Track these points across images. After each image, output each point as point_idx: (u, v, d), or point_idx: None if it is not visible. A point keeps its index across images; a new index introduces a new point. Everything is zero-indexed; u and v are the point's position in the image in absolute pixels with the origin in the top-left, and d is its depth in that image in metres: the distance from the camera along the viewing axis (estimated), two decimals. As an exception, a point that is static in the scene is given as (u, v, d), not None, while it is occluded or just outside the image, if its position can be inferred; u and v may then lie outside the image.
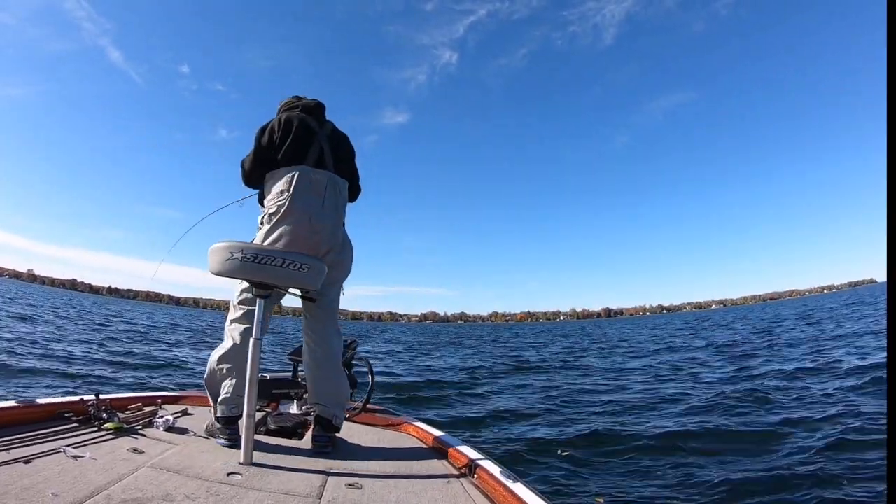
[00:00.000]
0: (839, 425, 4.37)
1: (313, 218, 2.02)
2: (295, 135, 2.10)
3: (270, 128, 2.13)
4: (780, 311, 46.38)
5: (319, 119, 2.26)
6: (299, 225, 2.00)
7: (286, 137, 2.09)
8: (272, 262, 1.76)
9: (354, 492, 1.56)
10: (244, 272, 1.78)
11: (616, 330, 42.43)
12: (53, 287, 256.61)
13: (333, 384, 2.12)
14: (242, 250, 1.75)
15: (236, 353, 1.95)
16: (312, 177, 2.06)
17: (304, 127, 2.14)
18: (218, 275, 1.84)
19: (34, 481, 1.32)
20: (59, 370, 7.26)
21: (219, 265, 1.78)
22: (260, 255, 1.75)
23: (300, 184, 2.03)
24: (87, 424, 1.93)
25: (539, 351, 18.82)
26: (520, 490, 1.54)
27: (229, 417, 1.92)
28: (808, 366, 8.20)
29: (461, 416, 6.03)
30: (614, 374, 9.95)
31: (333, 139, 2.23)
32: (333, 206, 2.12)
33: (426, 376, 10.02)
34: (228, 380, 1.94)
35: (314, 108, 2.27)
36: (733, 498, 3.10)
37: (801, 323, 21.22)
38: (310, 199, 2.03)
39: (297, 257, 1.81)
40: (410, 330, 72.67)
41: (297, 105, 2.26)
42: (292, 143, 2.08)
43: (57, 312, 23.42)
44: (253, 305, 1.91)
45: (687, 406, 5.96)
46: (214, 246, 1.80)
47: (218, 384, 1.96)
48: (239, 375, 1.91)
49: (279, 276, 1.78)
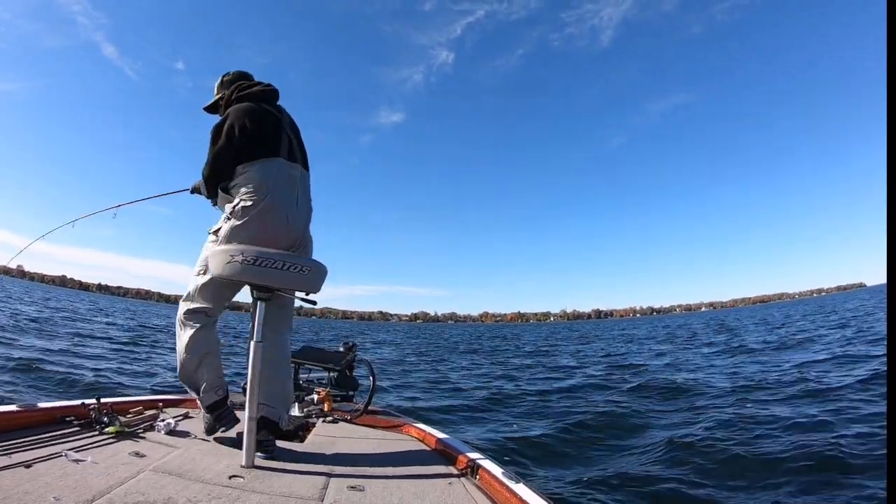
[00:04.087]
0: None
1: (290, 216, 1.97)
2: (266, 129, 2.01)
3: (240, 126, 1.97)
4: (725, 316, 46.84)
5: (277, 107, 2.17)
6: (276, 222, 1.94)
7: (260, 130, 1.99)
8: (273, 265, 1.75)
9: (356, 494, 1.57)
10: (245, 275, 1.76)
11: (619, 331, 41.34)
12: (43, 283, 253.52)
13: (281, 384, 2.06)
14: (243, 253, 1.74)
15: (201, 337, 1.94)
16: (290, 172, 2.02)
17: (273, 119, 2.07)
18: (220, 277, 1.83)
19: (36, 486, 1.31)
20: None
21: (220, 268, 1.77)
22: (261, 258, 1.74)
23: (280, 178, 1.97)
24: (89, 428, 1.92)
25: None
26: (522, 491, 1.54)
27: (217, 401, 1.92)
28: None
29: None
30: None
31: (293, 129, 2.17)
32: (305, 204, 2.08)
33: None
34: (203, 365, 1.93)
35: (273, 96, 2.17)
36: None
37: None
38: (287, 195, 1.99)
39: (299, 260, 1.80)
40: (402, 330, 72.28)
41: (255, 90, 2.12)
42: (265, 136, 2.00)
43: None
44: (217, 303, 1.99)
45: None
46: (215, 249, 1.81)
47: (194, 374, 1.94)
48: (215, 356, 1.96)
49: (280, 278, 1.77)
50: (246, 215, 1.91)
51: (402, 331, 58.44)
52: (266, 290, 1.83)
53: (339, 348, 3.18)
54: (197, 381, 1.93)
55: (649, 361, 11.63)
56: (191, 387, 1.95)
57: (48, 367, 6.95)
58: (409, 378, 9.88)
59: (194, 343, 1.93)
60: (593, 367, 11.23)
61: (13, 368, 6.59)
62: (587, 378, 9.04)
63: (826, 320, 21.18)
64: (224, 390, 1.96)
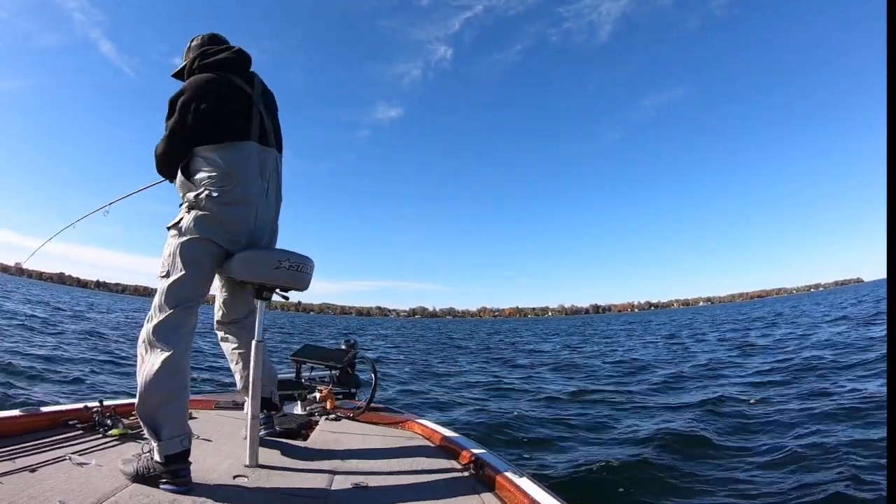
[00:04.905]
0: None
1: (258, 208, 1.78)
2: (233, 106, 1.74)
3: (197, 102, 1.68)
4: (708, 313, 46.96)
5: (248, 77, 1.87)
6: (246, 214, 1.74)
7: (225, 107, 1.71)
8: (299, 268, 1.76)
9: (361, 491, 1.58)
10: (287, 280, 1.77)
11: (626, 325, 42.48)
12: (41, 281, 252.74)
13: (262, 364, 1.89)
14: (290, 259, 1.74)
15: (172, 366, 1.54)
16: (261, 157, 1.79)
17: (242, 94, 1.79)
18: (257, 282, 1.81)
19: (40, 490, 1.32)
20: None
21: (260, 274, 1.75)
22: (299, 263, 1.75)
23: (250, 166, 1.74)
24: (92, 431, 1.92)
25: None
26: (527, 486, 1.54)
27: (178, 453, 1.49)
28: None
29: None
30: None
31: (267, 102, 1.90)
32: (275, 194, 1.87)
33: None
34: (169, 404, 1.53)
35: (243, 64, 1.86)
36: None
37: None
38: (257, 184, 1.77)
39: (295, 257, 1.78)
40: (399, 326, 72.51)
41: (219, 58, 1.80)
42: (231, 114, 1.73)
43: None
44: (196, 298, 1.68)
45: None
46: (250, 254, 1.77)
47: (156, 412, 1.52)
48: (181, 395, 1.56)
49: (280, 277, 1.75)
50: (211, 206, 1.67)
51: (398, 327, 58.69)
52: (273, 290, 1.82)
53: (340, 346, 3.18)
54: (157, 423, 1.51)
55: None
56: (149, 426, 1.51)
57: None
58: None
59: (163, 373, 1.53)
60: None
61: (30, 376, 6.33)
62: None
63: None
64: (188, 441, 1.53)
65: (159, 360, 1.53)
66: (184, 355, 1.60)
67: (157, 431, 1.49)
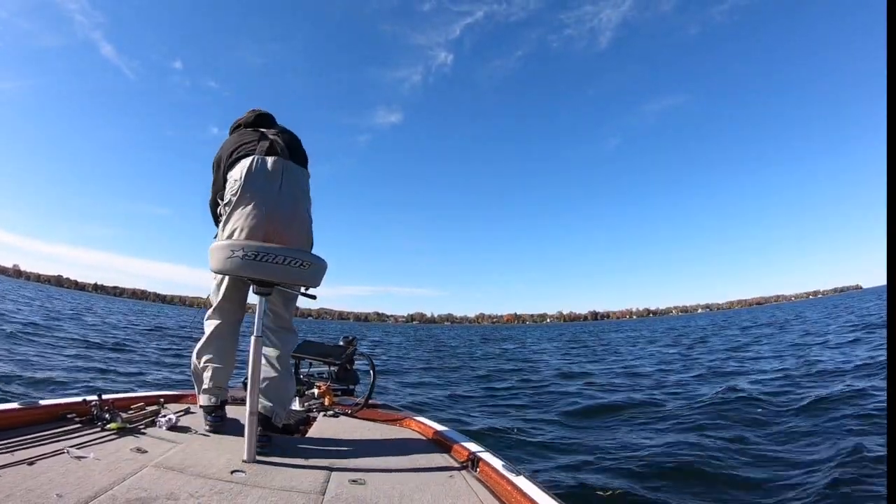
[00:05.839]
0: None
1: (269, 204, 1.92)
2: (246, 138, 2.08)
3: (223, 147, 2.13)
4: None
5: (266, 125, 2.22)
6: (254, 212, 1.91)
7: (240, 140, 2.07)
8: (273, 260, 1.75)
9: (358, 487, 1.58)
10: (246, 270, 1.76)
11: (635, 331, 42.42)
12: (39, 283, 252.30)
13: (276, 382, 2.04)
14: (244, 248, 1.74)
15: (212, 344, 2.08)
16: (266, 161, 1.97)
17: (257, 133, 2.11)
18: (219, 273, 1.84)
19: (38, 483, 1.32)
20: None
21: (220, 263, 1.78)
22: (261, 253, 1.74)
23: (252, 169, 1.94)
24: (91, 425, 1.92)
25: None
26: (522, 483, 1.56)
27: (207, 406, 2.06)
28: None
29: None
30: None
31: (284, 133, 2.17)
32: (291, 193, 2.00)
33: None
34: (209, 370, 2.05)
35: (263, 119, 2.23)
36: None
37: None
38: (263, 184, 1.94)
39: (298, 254, 1.80)
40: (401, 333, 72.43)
41: (241, 119, 2.24)
42: (245, 144, 2.05)
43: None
44: (230, 301, 2.09)
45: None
46: (215, 244, 1.81)
47: (200, 375, 2.09)
48: (219, 363, 2.06)
49: (280, 273, 1.77)
50: (229, 209, 1.96)
51: (399, 332, 58.61)
52: (267, 285, 1.83)
53: (339, 342, 3.19)
54: (199, 380, 2.10)
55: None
56: (195, 381, 2.13)
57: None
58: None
59: (204, 346, 2.08)
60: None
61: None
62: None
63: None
64: (218, 399, 2.06)
65: (206, 334, 2.08)
66: (226, 336, 2.10)
67: (197, 386, 2.11)
